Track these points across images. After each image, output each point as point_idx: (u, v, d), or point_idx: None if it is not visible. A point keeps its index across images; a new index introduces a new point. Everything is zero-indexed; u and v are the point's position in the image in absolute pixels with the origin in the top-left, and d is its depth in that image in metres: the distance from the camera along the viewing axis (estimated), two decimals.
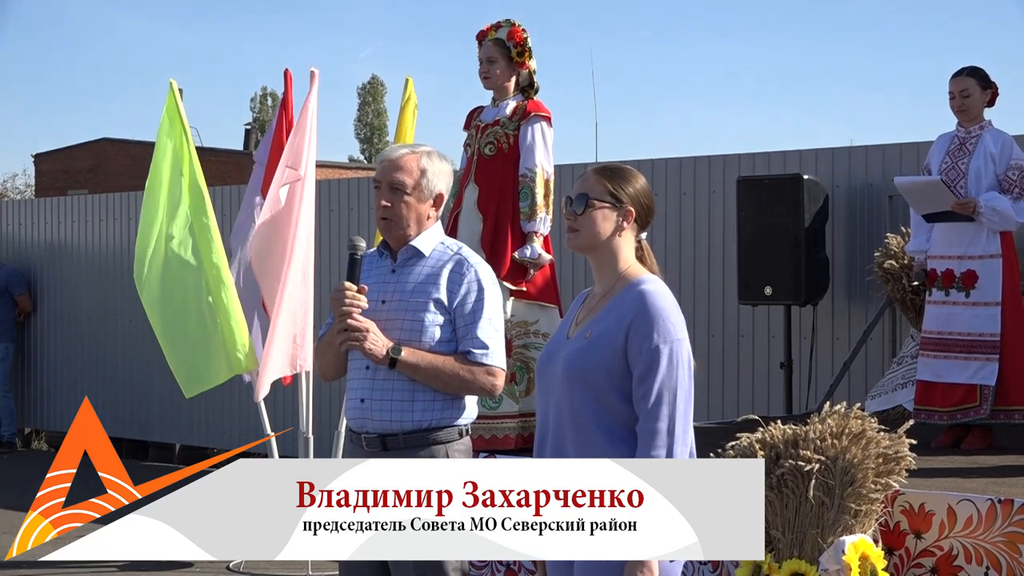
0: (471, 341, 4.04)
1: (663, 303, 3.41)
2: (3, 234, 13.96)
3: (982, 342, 6.32)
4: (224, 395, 11.21)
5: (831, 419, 4.60)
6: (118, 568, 8.05)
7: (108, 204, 13.11)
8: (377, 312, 4.07)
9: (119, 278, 12.69)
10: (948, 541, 4.62)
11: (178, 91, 8.06)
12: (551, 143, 6.33)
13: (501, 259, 6.13)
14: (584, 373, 3.42)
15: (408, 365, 4.00)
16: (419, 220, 4.12)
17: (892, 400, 7.24)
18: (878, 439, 4.57)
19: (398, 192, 4.09)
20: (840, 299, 8.64)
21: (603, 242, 3.51)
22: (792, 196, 8.23)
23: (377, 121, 62.17)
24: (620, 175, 3.53)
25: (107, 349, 12.96)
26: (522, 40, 6.32)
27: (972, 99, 6.45)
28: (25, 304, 13.41)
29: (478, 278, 4.08)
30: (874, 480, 4.53)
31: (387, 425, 4.05)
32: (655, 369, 3.35)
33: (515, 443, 6.14)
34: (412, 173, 4.10)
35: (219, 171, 24.65)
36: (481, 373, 4.04)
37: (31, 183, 39.21)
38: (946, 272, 6.43)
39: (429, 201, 4.13)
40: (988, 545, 4.53)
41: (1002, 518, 4.51)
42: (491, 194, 6.27)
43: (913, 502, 4.70)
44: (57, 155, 33.83)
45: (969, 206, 6.28)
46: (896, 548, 4.71)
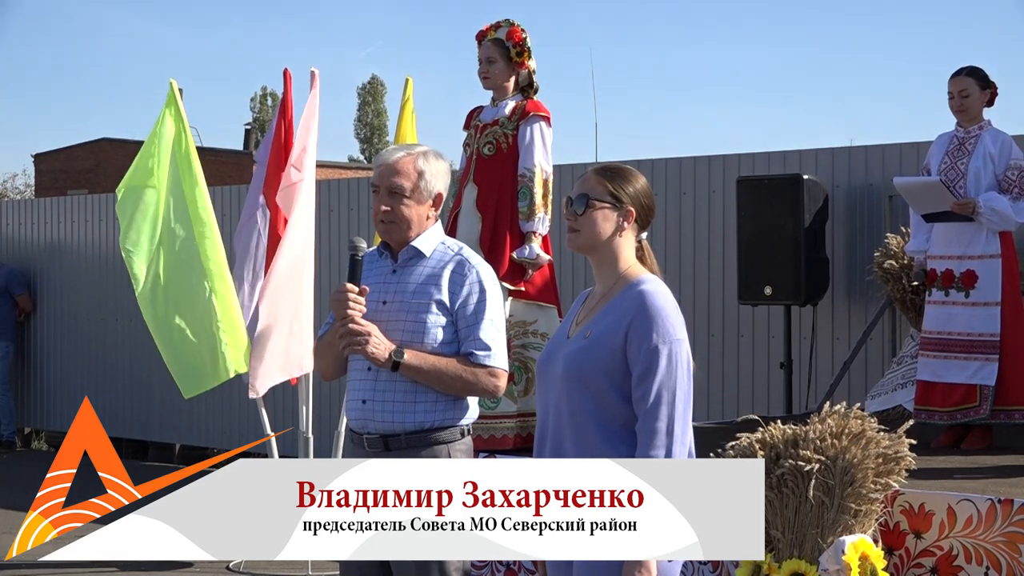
0: (473, 343, 4.04)
1: (663, 303, 3.42)
2: (3, 234, 13.97)
3: (982, 342, 6.32)
4: (224, 395, 11.20)
5: (831, 419, 4.60)
6: (118, 568, 8.05)
7: (108, 204, 13.10)
8: (378, 313, 4.06)
9: (119, 278, 12.67)
10: (948, 541, 4.62)
11: (178, 91, 8.06)
12: (550, 143, 6.33)
13: (500, 259, 6.13)
14: (583, 373, 3.43)
15: (411, 368, 4.00)
16: (419, 221, 4.12)
17: (892, 400, 7.24)
18: (878, 439, 4.57)
19: (397, 196, 4.08)
20: (840, 299, 8.64)
21: (603, 242, 3.51)
22: (792, 196, 8.23)
23: (377, 121, 62.17)
24: (620, 175, 3.53)
25: (107, 349, 12.96)
26: (521, 40, 6.32)
27: (971, 99, 6.45)
28: (25, 304, 13.41)
29: (480, 279, 4.08)
30: (874, 480, 4.53)
31: (389, 426, 4.04)
32: (654, 369, 3.36)
33: (513, 443, 6.14)
34: (410, 176, 4.09)
35: (219, 171, 24.64)
36: (484, 375, 4.04)
37: (31, 183, 39.21)
38: (946, 272, 6.43)
39: (428, 202, 4.13)
40: (988, 545, 4.53)
41: (1002, 518, 4.51)
42: (490, 194, 6.27)
43: (913, 502, 4.70)
44: (57, 155, 33.83)
45: (968, 206, 6.28)
46: (896, 548, 4.71)
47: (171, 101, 7.97)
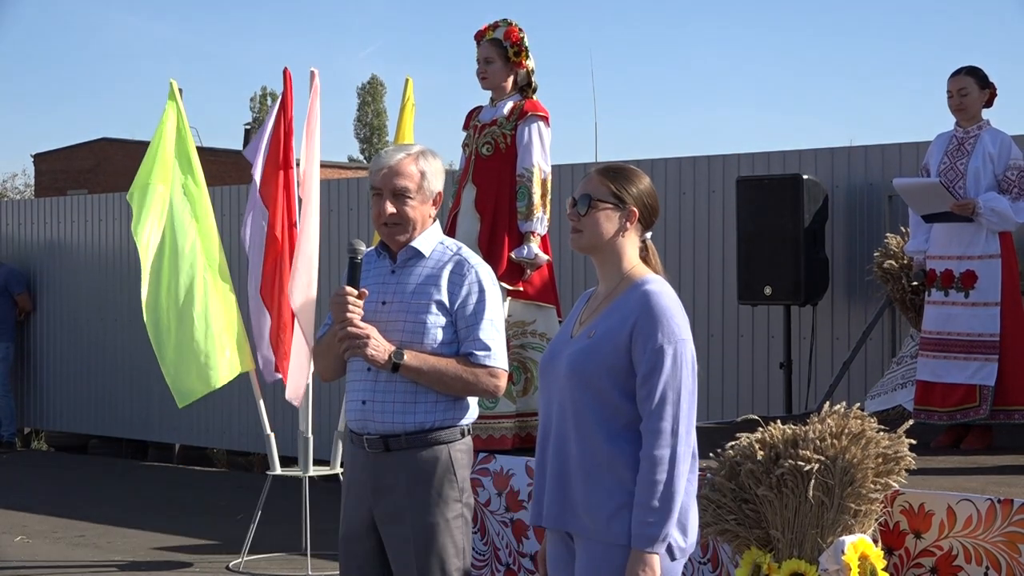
0: (473, 343, 4.04)
1: (667, 303, 3.42)
2: (3, 234, 13.96)
3: (981, 342, 6.32)
4: (224, 395, 11.20)
5: (831, 419, 4.60)
6: (118, 568, 8.05)
7: (108, 204, 13.11)
8: (377, 313, 4.07)
9: (119, 278, 12.69)
10: (948, 541, 4.61)
11: (178, 91, 8.07)
12: (548, 143, 6.33)
13: (498, 259, 6.12)
14: (587, 373, 3.43)
15: (411, 369, 4.00)
16: (423, 221, 4.13)
17: (892, 400, 7.24)
18: (878, 439, 4.57)
19: (402, 198, 4.08)
20: (840, 299, 8.64)
21: (606, 242, 3.51)
22: (792, 196, 8.23)
23: (377, 121, 62.15)
24: (624, 175, 3.53)
25: (107, 349, 12.95)
26: (518, 40, 6.32)
27: (970, 98, 6.44)
28: (25, 303, 13.41)
29: (479, 279, 4.08)
30: (874, 480, 4.53)
31: (389, 426, 4.05)
32: (659, 369, 3.36)
33: (512, 443, 6.13)
34: (413, 177, 4.10)
35: (219, 171, 24.65)
36: (484, 375, 4.04)
37: (31, 183, 39.24)
38: (945, 272, 6.43)
39: (430, 202, 4.14)
40: (988, 545, 4.53)
41: (1002, 518, 4.50)
42: (488, 194, 6.27)
43: (913, 502, 4.70)
44: (57, 155, 33.85)
45: (968, 207, 6.28)
46: (896, 548, 4.71)
47: (171, 101, 7.98)
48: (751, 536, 4.63)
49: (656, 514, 3.31)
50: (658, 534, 3.31)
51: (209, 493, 10.88)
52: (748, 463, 4.60)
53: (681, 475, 3.34)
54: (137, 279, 7.90)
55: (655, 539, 3.31)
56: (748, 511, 4.63)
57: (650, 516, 3.31)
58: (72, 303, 13.28)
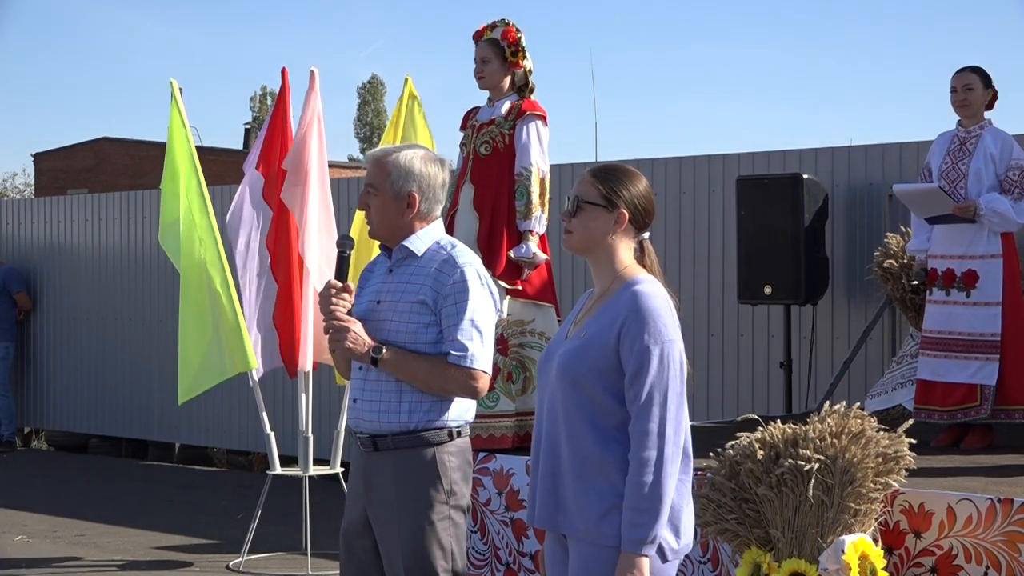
0: (451, 343, 4.02)
1: (655, 304, 3.40)
2: (3, 233, 13.96)
3: (982, 342, 6.31)
4: (224, 395, 11.21)
5: (831, 418, 4.60)
6: (118, 568, 8.05)
7: (108, 203, 13.10)
8: (373, 312, 4.09)
9: (119, 277, 12.68)
10: (948, 540, 4.61)
11: (178, 91, 8.07)
12: (546, 142, 6.33)
13: (497, 258, 6.13)
14: (577, 373, 3.42)
15: (389, 364, 4.00)
16: (388, 219, 4.10)
17: (892, 399, 7.23)
18: (878, 438, 4.57)
19: (369, 193, 4.12)
20: (840, 298, 8.64)
21: (597, 243, 3.50)
22: (792, 196, 8.22)
23: (377, 120, 62.17)
24: (615, 177, 3.51)
25: (107, 349, 12.95)
26: (515, 40, 6.32)
27: (974, 93, 6.43)
28: (24, 302, 13.40)
29: (464, 278, 4.05)
30: (874, 479, 4.52)
31: (376, 426, 4.06)
32: (646, 369, 3.34)
33: (512, 442, 6.13)
34: (376, 173, 4.11)
35: (219, 171, 24.62)
36: (460, 375, 4.01)
37: (31, 182, 39.24)
38: (947, 272, 6.42)
39: (402, 201, 4.10)
40: (988, 544, 4.52)
41: (1002, 517, 4.50)
42: (487, 193, 6.27)
43: (913, 501, 4.70)
44: (57, 154, 33.86)
45: (969, 209, 6.27)
46: (896, 547, 4.70)
47: (172, 101, 7.99)
48: (751, 535, 4.63)
49: (644, 516, 3.29)
50: (647, 536, 3.29)
51: (209, 492, 10.87)
52: (748, 462, 4.60)
53: (669, 476, 3.32)
54: (137, 279, 7.92)
55: (644, 541, 3.29)
56: (748, 510, 4.62)
57: (638, 518, 3.29)
58: (72, 303, 13.28)
